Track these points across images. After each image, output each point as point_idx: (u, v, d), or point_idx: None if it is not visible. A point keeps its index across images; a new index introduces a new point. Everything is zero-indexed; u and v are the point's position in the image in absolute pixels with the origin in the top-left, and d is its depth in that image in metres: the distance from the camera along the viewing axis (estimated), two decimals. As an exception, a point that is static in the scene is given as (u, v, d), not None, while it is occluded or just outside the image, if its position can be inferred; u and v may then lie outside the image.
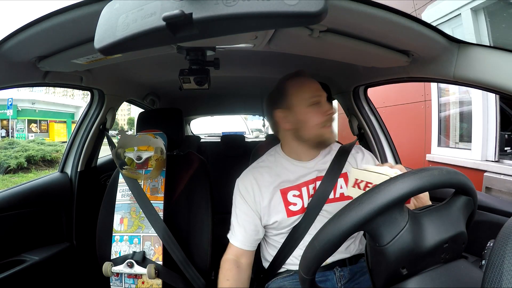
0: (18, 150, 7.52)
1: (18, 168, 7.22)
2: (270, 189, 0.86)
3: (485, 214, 0.84)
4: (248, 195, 0.87)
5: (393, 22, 0.59)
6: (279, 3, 0.32)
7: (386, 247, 0.45)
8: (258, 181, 0.87)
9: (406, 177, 0.45)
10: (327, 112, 0.85)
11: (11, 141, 8.68)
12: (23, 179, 6.46)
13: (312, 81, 0.89)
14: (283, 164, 0.90)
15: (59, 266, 1.14)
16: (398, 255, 0.45)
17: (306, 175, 0.87)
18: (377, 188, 0.45)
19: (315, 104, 0.85)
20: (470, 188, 0.49)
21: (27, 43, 0.66)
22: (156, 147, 1.01)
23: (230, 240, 0.88)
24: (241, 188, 0.89)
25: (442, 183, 0.45)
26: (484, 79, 0.66)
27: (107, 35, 0.36)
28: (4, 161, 6.89)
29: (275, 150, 0.95)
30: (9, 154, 7.21)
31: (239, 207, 0.88)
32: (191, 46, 0.71)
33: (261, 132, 5.07)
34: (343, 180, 0.88)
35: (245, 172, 0.92)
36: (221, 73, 0.91)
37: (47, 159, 8.07)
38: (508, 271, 0.33)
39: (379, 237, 0.46)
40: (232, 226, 0.89)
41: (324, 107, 0.85)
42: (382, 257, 0.46)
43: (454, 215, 0.48)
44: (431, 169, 0.46)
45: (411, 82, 0.95)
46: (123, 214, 1.01)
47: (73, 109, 19.01)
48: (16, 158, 7.14)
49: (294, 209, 0.84)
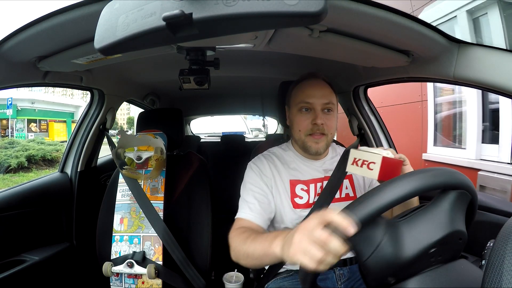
0: (18, 150, 7.57)
1: (19, 168, 7.25)
2: (281, 176, 0.87)
3: (485, 214, 0.84)
4: (263, 174, 0.87)
5: (393, 22, 0.59)
6: (279, 3, 0.32)
7: (367, 262, 0.46)
8: (271, 165, 0.88)
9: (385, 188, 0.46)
10: (313, 122, 0.83)
11: (11, 140, 8.73)
12: (24, 179, 6.48)
13: (317, 87, 0.86)
14: (293, 158, 0.91)
15: (59, 266, 1.14)
16: (380, 268, 0.45)
17: (315, 173, 0.89)
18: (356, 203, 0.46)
19: (304, 110, 0.85)
20: (466, 186, 0.49)
21: (27, 43, 0.66)
22: (156, 147, 1.01)
23: (238, 216, 0.81)
24: (254, 168, 0.88)
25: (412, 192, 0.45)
26: (484, 79, 0.66)
27: (107, 35, 0.36)
28: (4, 160, 6.94)
29: (286, 144, 0.97)
30: (10, 154, 7.26)
31: (252, 183, 0.85)
32: (191, 46, 0.71)
33: (261, 132, 5.10)
34: (348, 181, 0.90)
35: (258, 156, 0.93)
36: (221, 73, 0.91)
37: (47, 159, 8.13)
38: (508, 271, 0.33)
39: (359, 252, 0.47)
40: (241, 204, 0.83)
41: (313, 115, 0.83)
42: (366, 270, 0.47)
43: (441, 215, 0.47)
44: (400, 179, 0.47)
45: (411, 82, 0.95)
46: (123, 214, 1.01)
47: (73, 108, 18.96)
48: (17, 157, 7.19)
49: (300, 202, 0.85)
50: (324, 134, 0.84)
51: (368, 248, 0.45)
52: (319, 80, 0.88)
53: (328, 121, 0.84)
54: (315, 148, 0.85)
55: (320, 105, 0.84)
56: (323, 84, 0.87)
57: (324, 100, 0.84)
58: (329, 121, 0.85)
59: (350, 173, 0.89)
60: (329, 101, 0.85)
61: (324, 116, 0.84)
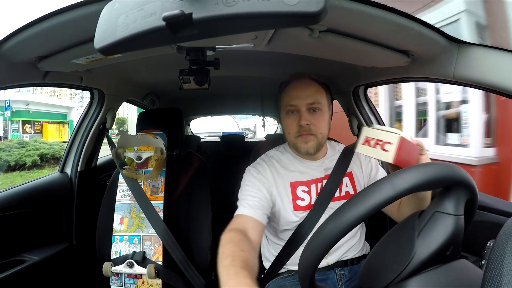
0: (30, 149, 8.19)
1: (33, 165, 7.99)
2: (282, 178, 0.86)
3: (485, 214, 0.84)
4: (261, 176, 0.85)
5: (393, 22, 0.59)
6: (279, 3, 0.32)
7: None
8: (271, 168, 0.88)
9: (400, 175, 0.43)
10: (298, 123, 0.83)
11: (21, 141, 9.40)
12: (39, 174, 6.85)
13: (301, 88, 0.85)
14: (291, 160, 0.91)
15: (59, 266, 1.14)
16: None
17: (315, 173, 0.88)
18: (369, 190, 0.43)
19: (290, 113, 0.85)
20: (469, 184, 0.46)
21: (27, 43, 0.66)
22: (156, 147, 1.01)
23: (237, 213, 0.79)
24: (253, 172, 0.87)
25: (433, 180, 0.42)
26: (484, 79, 0.66)
27: (107, 35, 0.36)
28: (19, 158, 7.61)
29: (284, 146, 0.96)
30: (23, 153, 7.89)
31: (249, 184, 0.83)
32: (191, 46, 0.71)
33: (250, 131, 5.24)
34: (348, 179, 0.89)
35: (258, 160, 0.92)
36: (221, 73, 0.91)
37: (56, 157, 8.77)
38: (508, 271, 0.33)
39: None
40: (240, 202, 0.81)
41: (299, 117, 0.83)
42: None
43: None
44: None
45: (411, 82, 0.96)
46: (123, 214, 1.01)
47: (65, 110, 19.26)
48: (30, 156, 7.90)
49: (302, 204, 0.85)
50: (313, 134, 0.83)
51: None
52: (304, 80, 0.87)
53: (315, 120, 0.83)
54: (305, 148, 0.84)
55: (304, 105, 0.83)
56: (308, 84, 0.86)
57: (309, 100, 0.83)
58: (316, 121, 0.83)
59: (349, 171, 0.89)
60: (314, 101, 0.83)
61: (310, 116, 0.83)
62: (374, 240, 0.57)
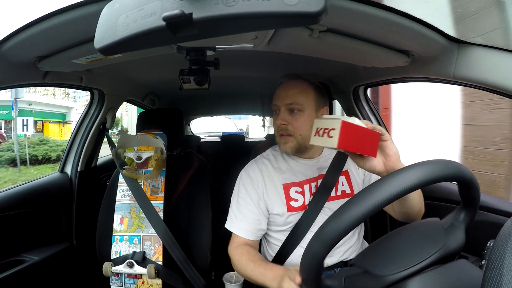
0: (51, 145, 9.28)
1: (57, 159, 8.86)
2: (274, 181, 0.87)
3: (485, 214, 0.84)
4: (252, 185, 0.87)
5: (393, 22, 0.59)
6: (279, 3, 0.32)
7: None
8: (263, 172, 0.88)
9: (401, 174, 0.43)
10: (277, 123, 0.85)
11: (41, 138, 9.96)
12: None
13: (283, 88, 0.86)
14: (286, 159, 0.91)
15: (59, 266, 1.14)
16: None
17: (309, 173, 0.88)
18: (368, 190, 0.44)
19: (275, 112, 0.88)
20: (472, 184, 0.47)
21: (27, 43, 0.66)
22: (156, 147, 1.01)
23: (231, 230, 0.86)
24: (245, 178, 0.89)
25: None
26: (484, 79, 0.66)
27: (107, 35, 0.36)
28: (45, 153, 8.86)
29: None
30: (47, 148, 9.03)
31: (241, 197, 0.87)
32: (191, 46, 0.71)
33: (242, 132, 5.34)
34: (344, 178, 0.89)
35: (250, 163, 0.93)
36: (221, 73, 0.91)
37: None
38: (508, 271, 0.33)
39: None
40: (231, 215, 0.87)
41: (278, 116, 0.85)
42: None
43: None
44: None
45: (411, 82, 0.95)
46: (123, 214, 1.01)
47: (65, 109, 19.77)
48: (55, 151, 9.08)
49: (295, 205, 0.85)
50: (291, 135, 0.83)
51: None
52: (292, 81, 0.87)
53: (294, 121, 0.83)
54: (283, 149, 0.85)
55: (283, 106, 0.84)
56: (294, 85, 0.85)
57: (287, 100, 0.83)
58: (295, 122, 0.83)
59: (346, 169, 0.89)
60: (293, 101, 0.83)
61: (289, 117, 0.83)
62: (374, 239, 0.57)
